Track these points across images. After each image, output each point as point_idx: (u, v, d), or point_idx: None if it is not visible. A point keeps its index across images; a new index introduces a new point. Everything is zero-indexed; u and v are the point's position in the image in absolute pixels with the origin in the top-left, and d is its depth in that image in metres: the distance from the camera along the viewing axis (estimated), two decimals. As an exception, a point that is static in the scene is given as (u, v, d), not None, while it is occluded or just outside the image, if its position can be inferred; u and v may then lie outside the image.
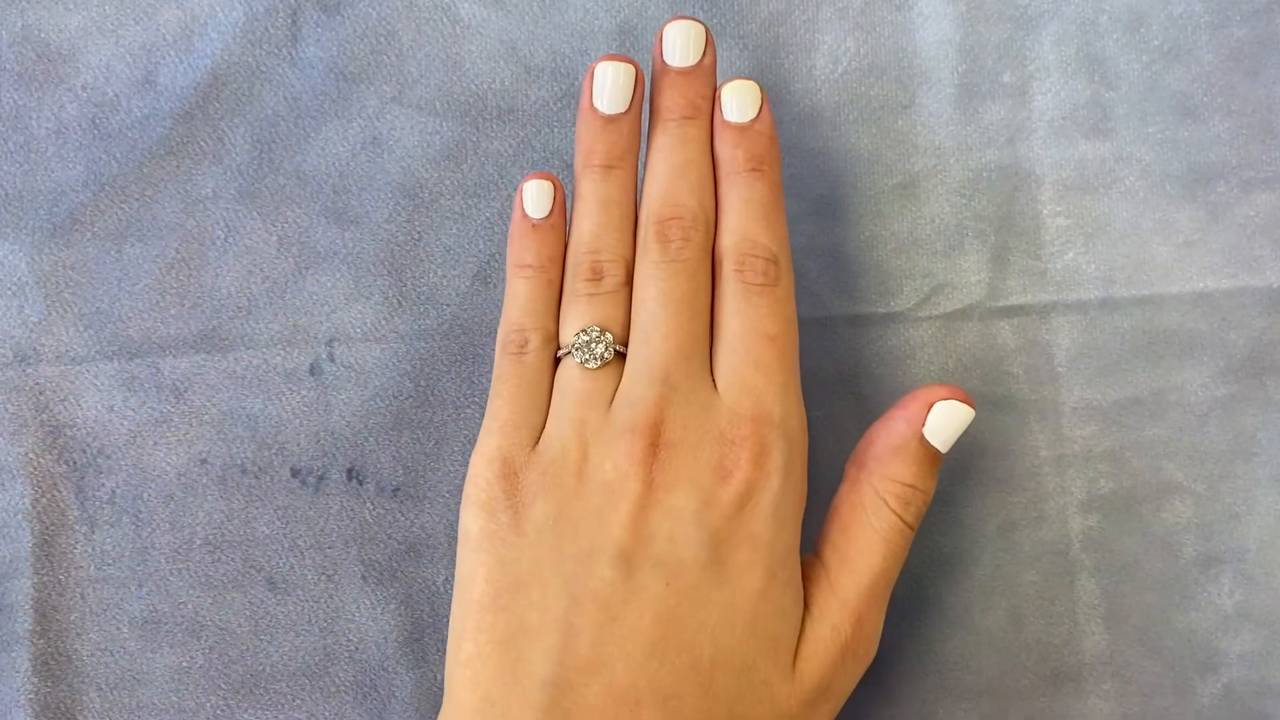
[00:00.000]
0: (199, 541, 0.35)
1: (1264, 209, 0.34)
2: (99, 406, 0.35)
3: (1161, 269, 0.34)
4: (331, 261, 0.35)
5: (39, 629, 0.34)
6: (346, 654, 0.34)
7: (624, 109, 0.31)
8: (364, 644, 0.34)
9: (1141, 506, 0.33)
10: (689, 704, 0.28)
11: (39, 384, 0.35)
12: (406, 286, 0.35)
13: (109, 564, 0.34)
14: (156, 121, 0.36)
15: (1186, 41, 0.34)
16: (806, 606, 0.30)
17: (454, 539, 0.34)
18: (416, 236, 0.35)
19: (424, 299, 0.35)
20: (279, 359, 0.35)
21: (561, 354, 0.31)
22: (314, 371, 0.35)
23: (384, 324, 0.35)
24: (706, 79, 0.32)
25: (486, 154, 0.36)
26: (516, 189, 0.32)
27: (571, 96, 0.36)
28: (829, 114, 0.35)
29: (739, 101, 0.31)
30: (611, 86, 0.31)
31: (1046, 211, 0.34)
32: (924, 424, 0.30)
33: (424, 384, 0.35)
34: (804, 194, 0.35)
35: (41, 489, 0.35)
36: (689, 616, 0.28)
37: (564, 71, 0.36)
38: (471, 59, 0.36)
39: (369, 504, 0.35)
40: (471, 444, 0.34)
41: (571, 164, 0.35)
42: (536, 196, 0.32)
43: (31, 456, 0.35)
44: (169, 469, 0.35)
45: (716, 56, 0.32)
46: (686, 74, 0.32)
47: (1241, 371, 0.34)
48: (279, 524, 0.35)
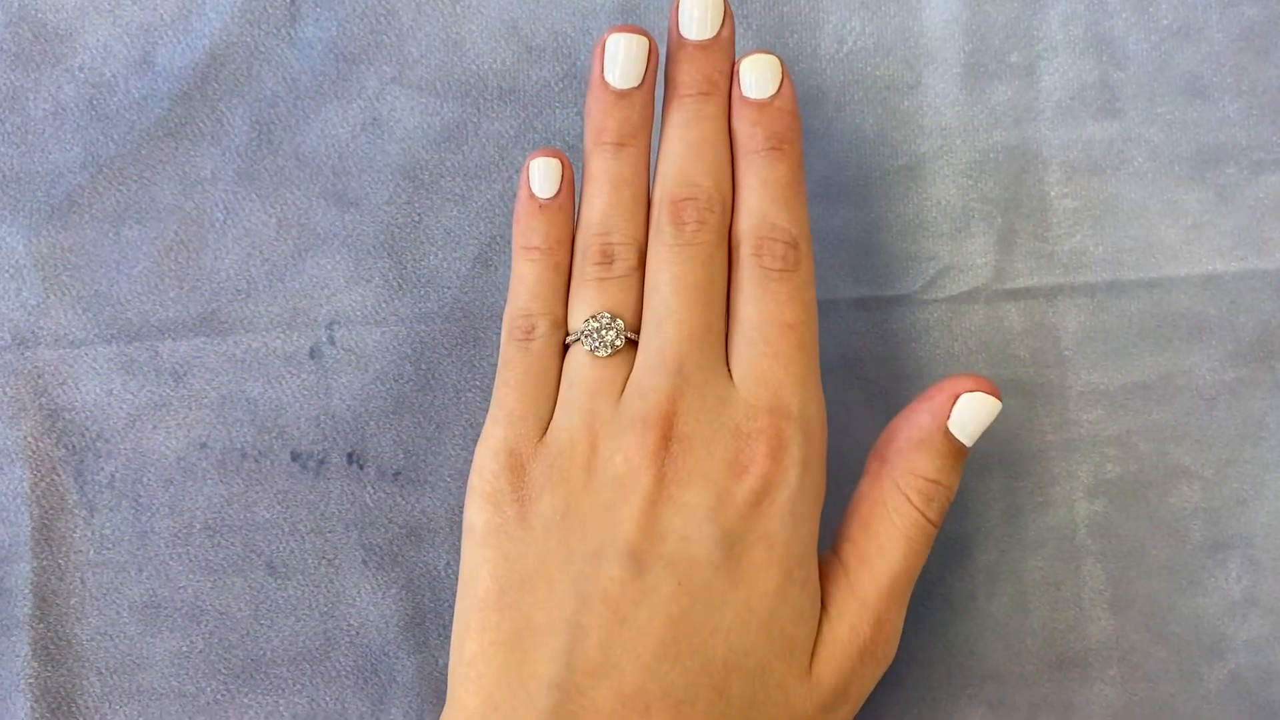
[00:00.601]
0: (199, 526, 0.34)
1: (1274, 191, 0.34)
2: (98, 390, 0.35)
3: (1170, 251, 0.34)
4: (331, 244, 0.35)
5: (38, 613, 0.34)
6: (347, 639, 0.34)
7: (636, 83, 0.30)
8: (365, 629, 0.34)
9: (1148, 491, 0.33)
10: (701, 709, 0.27)
11: (37, 367, 0.35)
12: (407, 269, 0.35)
13: (108, 548, 0.34)
14: (154, 102, 0.36)
15: (1196, 20, 0.34)
16: (824, 606, 0.29)
17: (455, 523, 0.34)
18: (417, 218, 0.35)
19: (425, 282, 0.35)
20: (279, 342, 0.35)
21: (570, 341, 0.30)
22: (314, 355, 0.35)
23: (384, 307, 0.35)
24: (725, 53, 0.31)
25: (488, 135, 0.35)
26: (520, 169, 0.32)
27: (574, 76, 0.35)
28: (833, 94, 0.35)
29: (759, 76, 0.30)
30: (624, 59, 0.30)
31: (1054, 193, 0.34)
32: (949, 416, 0.30)
33: (425, 367, 0.35)
34: (808, 176, 0.35)
35: (40, 473, 0.35)
36: (702, 618, 0.27)
37: (566, 51, 0.35)
38: (472, 38, 0.35)
39: (369, 488, 0.34)
40: (473, 428, 0.34)
41: (575, 145, 0.35)
42: (544, 175, 0.31)
43: (30, 440, 0.35)
44: (168, 453, 0.35)
45: (735, 30, 0.31)
46: (704, 47, 0.30)
47: (1250, 355, 0.33)
48: (279, 508, 0.34)
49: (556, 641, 0.27)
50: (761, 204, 0.30)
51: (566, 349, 0.30)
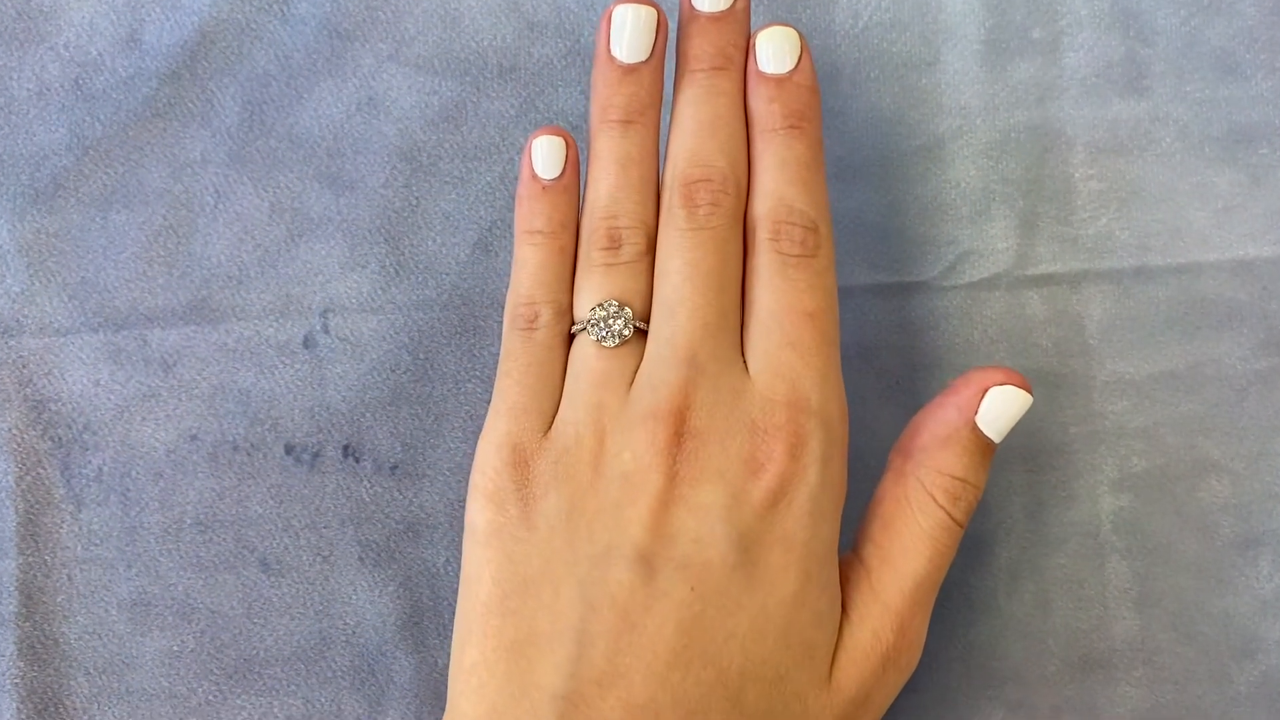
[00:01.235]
0: (190, 521, 0.34)
1: (1308, 172, 0.33)
2: (85, 380, 0.35)
3: (1199, 235, 0.33)
4: (325, 229, 0.35)
5: (24, 611, 0.34)
6: (343, 637, 0.34)
7: (645, 57, 0.29)
8: (361, 627, 0.34)
9: (1176, 485, 0.33)
10: (714, 719, 0.26)
11: (22, 357, 0.35)
12: (404, 255, 0.35)
13: (96, 544, 0.34)
14: (142, 82, 0.35)
15: (1228, -6, 0.34)
16: (845, 610, 0.28)
17: (455, 519, 0.34)
18: (414, 202, 0.35)
19: (422, 268, 0.35)
20: (271, 331, 0.34)
21: (576, 330, 0.29)
22: (308, 344, 0.34)
23: (381, 294, 0.34)
24: (740, 26, 0.30)
25: (488, 115, 0.35)
26: (522, 149, 0.31)
27: (578, 53, 0.35)
28: (849, 71, 0.34)
29: (776, 50, 0.30)
30: (631, 32, 0.29)
31: (1078, 175, 0.34)
32: (977, 411, 0.29)
33: (423, 357, 0.34)
34: (822, 157, 0.34)
35: (26, 466, 0.34)
36: (716, 624, 0.27)
37: (568, 27, 0.35)
38: (471, 14, 0.35)
39: (366, 482, 0.34)
40: (473, 420, 0.34)
41: (579, 125, 0.34)
42: (547, 154, 0.30)
43: (15, 432, 0.34)
44: (158, 445, 0.34)
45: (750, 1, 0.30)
46: (717, 20, 0.30)
47: (1283, 344, 0.33)
48: (272, 503, 0.34)
49: (562, 649, 0.27)
50: (779, 186, 0.29)
51: (572, 338, 0.30)
